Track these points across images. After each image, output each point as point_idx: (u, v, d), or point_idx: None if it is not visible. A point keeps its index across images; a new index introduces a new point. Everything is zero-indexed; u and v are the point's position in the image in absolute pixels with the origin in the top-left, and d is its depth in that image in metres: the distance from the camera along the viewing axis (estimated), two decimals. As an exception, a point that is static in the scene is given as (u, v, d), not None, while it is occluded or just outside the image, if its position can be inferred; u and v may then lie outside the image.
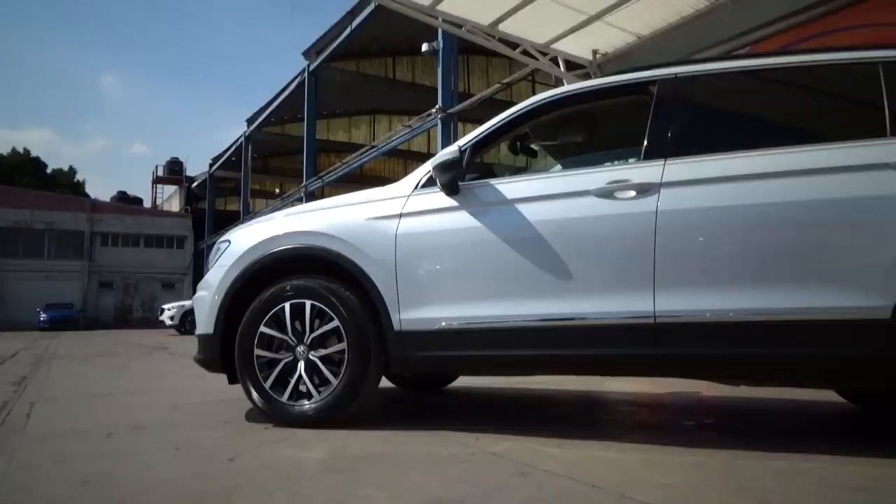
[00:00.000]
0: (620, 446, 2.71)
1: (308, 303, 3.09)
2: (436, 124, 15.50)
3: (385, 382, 3.77)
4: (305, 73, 24.22)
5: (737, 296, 2.55)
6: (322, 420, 2.99)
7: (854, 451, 2.56)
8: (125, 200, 45.83)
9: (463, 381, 4.79)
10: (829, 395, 3.91)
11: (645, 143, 2.85)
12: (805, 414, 3.74)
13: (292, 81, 25.80)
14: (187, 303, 19.49)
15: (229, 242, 3.42)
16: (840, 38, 5.76)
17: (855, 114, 2.87)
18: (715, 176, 2.68)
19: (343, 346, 3.02)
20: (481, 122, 3.25)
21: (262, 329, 3.14)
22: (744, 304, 2.54)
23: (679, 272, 2.64)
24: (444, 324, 2.91)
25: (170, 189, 48.61)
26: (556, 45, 8.03)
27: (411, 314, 2.95)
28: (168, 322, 20.26)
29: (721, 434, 3.17)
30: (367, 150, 22.42)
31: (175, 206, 46.13)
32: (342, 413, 3.01)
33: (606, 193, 2.77)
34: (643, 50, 7.75)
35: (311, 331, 3.09)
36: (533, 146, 3.78)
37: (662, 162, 2.76)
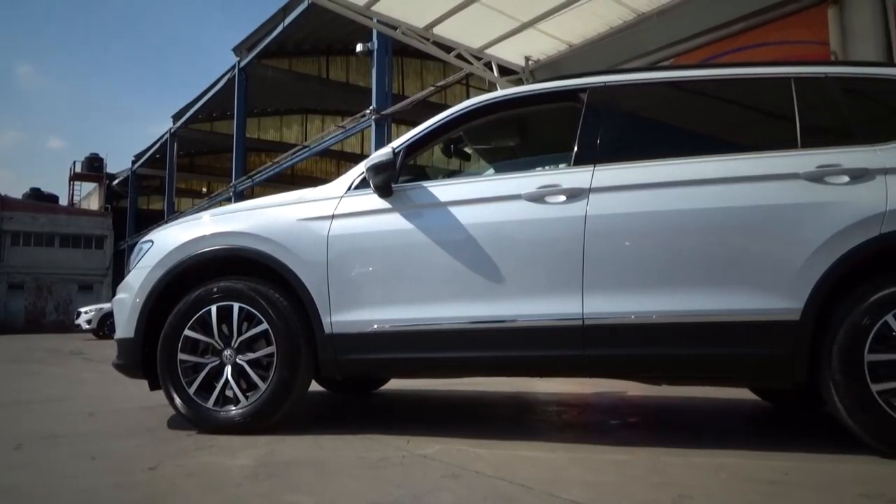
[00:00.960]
0: (549, 446, 2.76)
1: (236, 305, 3.01)
2: (369, 125, 15.41)
3: (315, 386, 3.71)
4: (236, 70, 23.61)
5: (660, 298, 2.65)
6: (249, 426, 2.92)
7: (767, 447, 2.70)
8: (39, 197, 43.23)
9: (394, 384, 4.77)
10: (745, 394, 4.11)
11: (575, 149, 2.92)
12: (723, 412, 3.92)
13: (222, 78, 25.10)
14: (106, 305, 18.65)
15: (152, 243, 3.29)
16: (757, 54, 6.08)
17: (770, 125, 3.03)
18: (641, 182, 2.77)
19: (272, 349, 2.95)
20: (415, 125, 3.26)
21: (187, 332, 3.04)
22: (666, 307, 2.64)
23: (606, 275, 2.71)
24: (375, 326, 2.89)
25: (88, 186, 46.24)
26: (489, 50, 8.14)
27: (343, 317, 2.92)
28: (85, 326, 19.30)
29: (645, 432, 3.28)
30: (298, 150, 22.05)
31: (94, 204, 43.95)
32: (270, 418, 2.95)
33: (537, 198, 2.82)
34: (574, 58, 7.95)
35: (239, 334, 3.01)
36: (466, 149, 3.81)
37: (592, 168, 2.83)
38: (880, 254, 2.52)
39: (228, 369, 2.99)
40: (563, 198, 2.80)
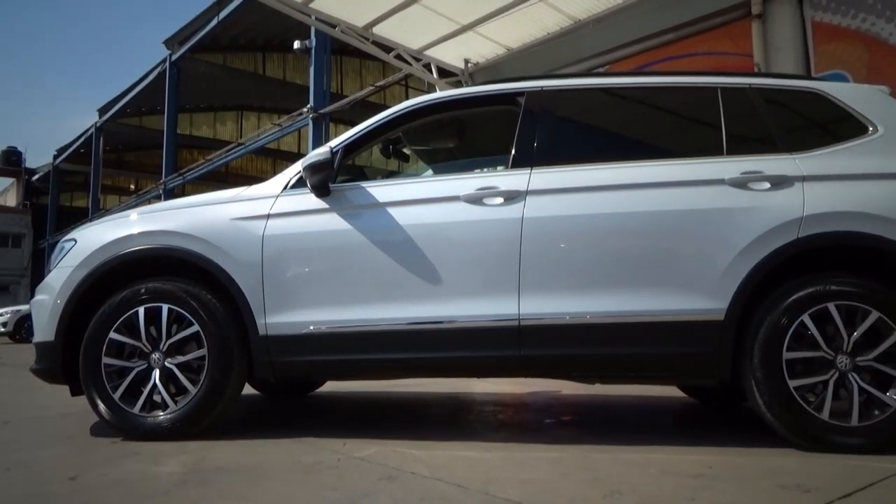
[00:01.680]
0: (485, 446, 2.79)
1: (165, 307, 2.91)
2: (307, 124, 15.15)
3: (248, 389, 3.63)
4: (167, 63, 22.82)
5: (594, 299, 2.72)
6: (179, 431, 2.82)
7: (693, 442, 2.80)
8: (-50, 192, 40.70)
9: (330, 386, 4.71)
10: (673, 391, 4.25)
11: (513, 151, 2.96)
12: (652, 409, 4.04)
13: (152, 71, 24.19)
14: (24, 307, 17.73)
15: (75, 241, 3.15)
16: (687, 63, 6.32)
17: (698, 133, 3.14)
18: (576, 186, 2.84)
19: (203, 352, 2.87)
20: (354, 124, 3.23)
21: (112, 335, 2.92)
22: (600, 307, 2.71)
23: (542, 276, 2.76)
24: (312, 328, 2.85)
25: (5, 181, 43.70)
26: (429, 52, 8.15)
27: (278, 318, 2.87)
28: (0, 329, 18.26)
29: (578, 430, 3.35)
30: (233, 148, 21.48)
31: (12, 200, 41.62)
32: (201, 423, 2.86)
33: (475, 199, 2.85)
34: (512, 62, 8.06)
35: (168, 336, 2.91)
36: (405, 150, 3.80)
37: (529, 171, 2.88)
38: (798, 256, 2.66)
39: (156, 373, 2.89)
40: (500, 200, 2.83)
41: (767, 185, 2.72)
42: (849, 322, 2.57)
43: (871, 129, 2.84)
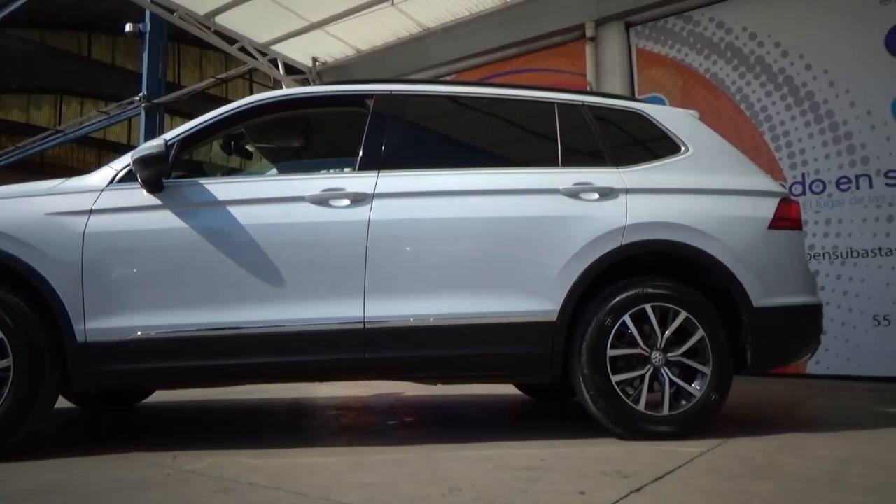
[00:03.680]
0: (327, 451, 2.75)
1: (-40, 312, 2.55)
2: (138, 114, 14.04)
3: (64, 402, 3.29)
4: (-30, 36, 20.11)
5: (436, 301, 2.78)
6: (-25, 452, 2.49)
7: (527, 437, 2.96)
8: None
9: (159, 396, 4.40)
10: (510, 389, 4.46)
11: (360, 154, 2.96)
12: (490, 407, 4.21)
13: (-50, 43, 21.20)
14: None
15: None
16: (527, 78, 6.67)
17: (537, 144, 3.33)
18: (422, 190, 2.89)
19: (8, 362, 2.55)
20: (192, 117, 3.05)
21: None
22: (442, 309, 2.77)
23: (387, 279, 2.78)
24: (139, 333, 2.64)
25: None
26: (276, 47, 7.90)
27: (100, 323, 2.62)
28: None
29: (420, 430, 3.40)
30: (50, 135, 19.35)
31: None
32: (4, 442, 2.55)
33: (321, 200, 2.80)
34: (361, 64, 8.03)
35: (-36, 346, 2.55)
36: (248, 147, 3.66)
37: (376, 173, 2.88)
38: (621, 262, 2.90)
39: (-52, 388, 2.53)
40: (347, 202, 2.81)
41: (596, 195, 2.94)
42: (662, 321, 2.85)
43: (683, 148, 3.18)
